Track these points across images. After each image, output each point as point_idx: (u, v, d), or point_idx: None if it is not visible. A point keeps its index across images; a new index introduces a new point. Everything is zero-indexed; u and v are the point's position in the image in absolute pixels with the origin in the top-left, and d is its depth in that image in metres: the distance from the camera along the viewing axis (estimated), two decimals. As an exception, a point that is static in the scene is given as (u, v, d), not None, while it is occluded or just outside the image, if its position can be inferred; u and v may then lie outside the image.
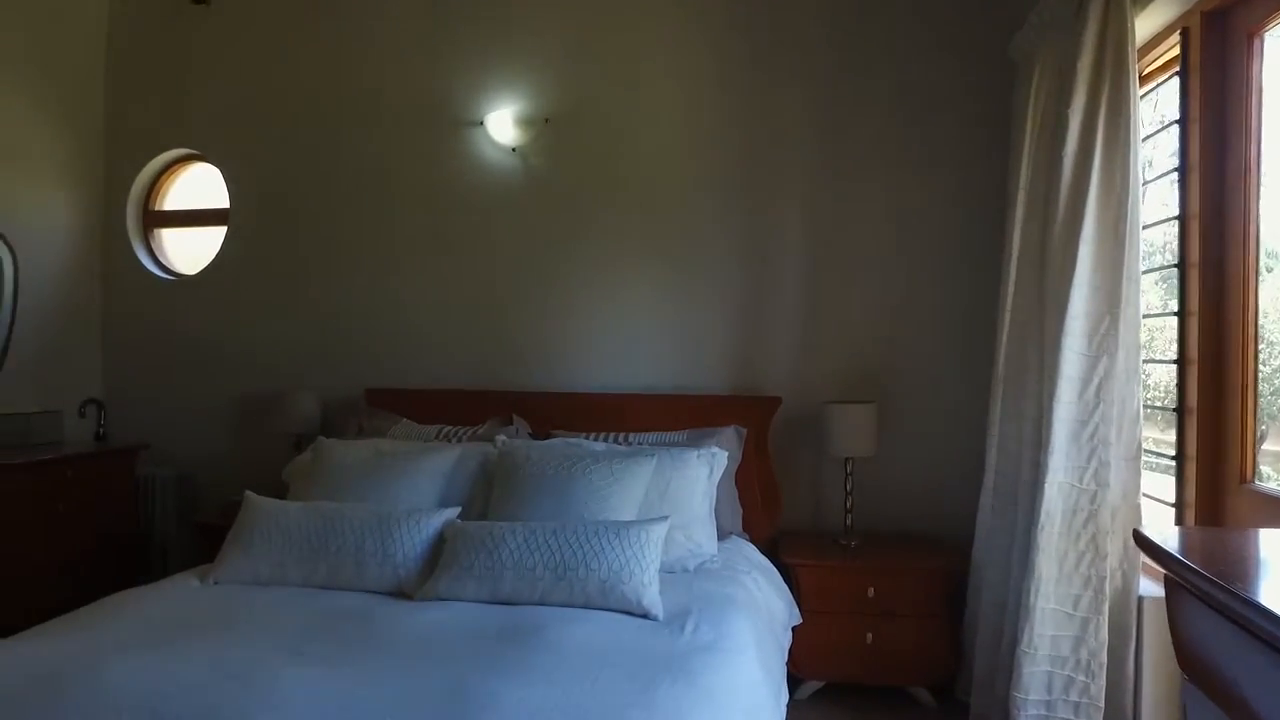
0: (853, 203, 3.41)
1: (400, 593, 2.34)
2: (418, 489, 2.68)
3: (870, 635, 2.93)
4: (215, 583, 2.41)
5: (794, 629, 2.83)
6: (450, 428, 3.28)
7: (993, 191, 3.15)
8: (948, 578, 2.95)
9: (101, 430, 3.95)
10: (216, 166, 4.01)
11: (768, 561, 2.96)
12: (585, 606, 2.19)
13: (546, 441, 2.95)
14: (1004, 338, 2.86)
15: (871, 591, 2.94)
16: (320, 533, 2.40)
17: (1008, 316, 2.83)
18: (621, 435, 3.15)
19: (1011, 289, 2.82)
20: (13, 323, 3.57)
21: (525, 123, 3.65)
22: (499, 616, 2.10)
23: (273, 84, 3.94)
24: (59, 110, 3.90)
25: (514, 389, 3.59)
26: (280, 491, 3.41)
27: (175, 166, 4.22)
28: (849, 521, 3.19)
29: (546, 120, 3.63)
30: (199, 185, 4.21)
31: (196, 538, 3.82)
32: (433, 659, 1.81)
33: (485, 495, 2.75)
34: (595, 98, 3.60)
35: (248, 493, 2.63)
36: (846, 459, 3.18)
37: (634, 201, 3.56)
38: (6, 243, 3.55)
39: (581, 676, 1.74)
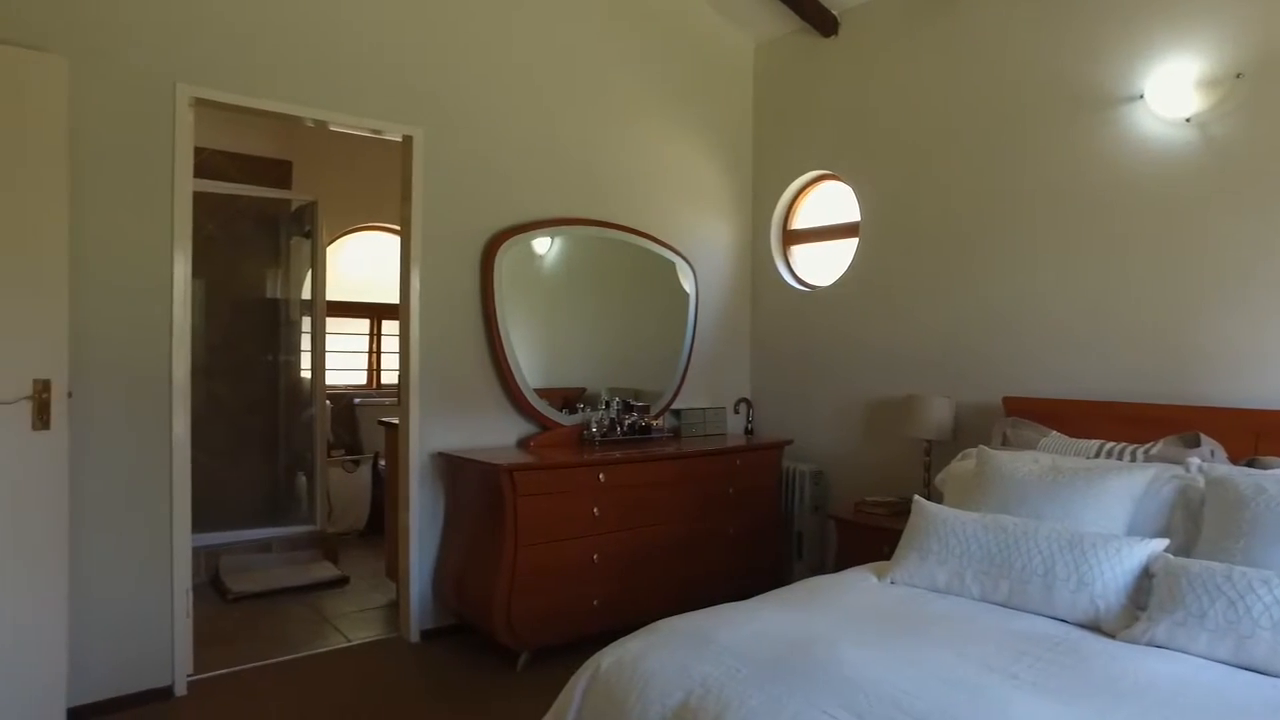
0: None
1: (1096, 627, 2.11)
2: (1105, 511, 2.41)
3: None
4: (892, 582, 2.49)
5: None
6: (1112, 444, 2.91)
7: None
8: None
9: (750, 426, 4.53)
10: (848, 184, 4.27)
11: None
12: (1387, 700, 1.68)
13: (1276, 471, 2.40)
14: None
15: None
16: (1002, 548, 2.31)
17: None
18: (1375, 469, 2.41)
19: None
20: (694, 332, 4.33)
21: (1204, 84, 3.06)
22: (1261, 689, 1.72)
23: (895, 97, 4.03)
24: (721, 151, 4.60)
25: (1187, 403, 3.03)
26: (911, 491, 3.52)
27: (806, 187, 4.62)
28: None
29: (1238, 75, 2.99)
30: (825, 202, 4.54)
31: (828, 529, 4.13)
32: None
33: (1187, 528, 2.35)
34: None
35: (918, 499, 2.67)
36: None
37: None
38: (691, 266, 4.33)
39: None
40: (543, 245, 3.97)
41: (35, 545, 2.58)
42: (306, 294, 5.18)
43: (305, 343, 5.17)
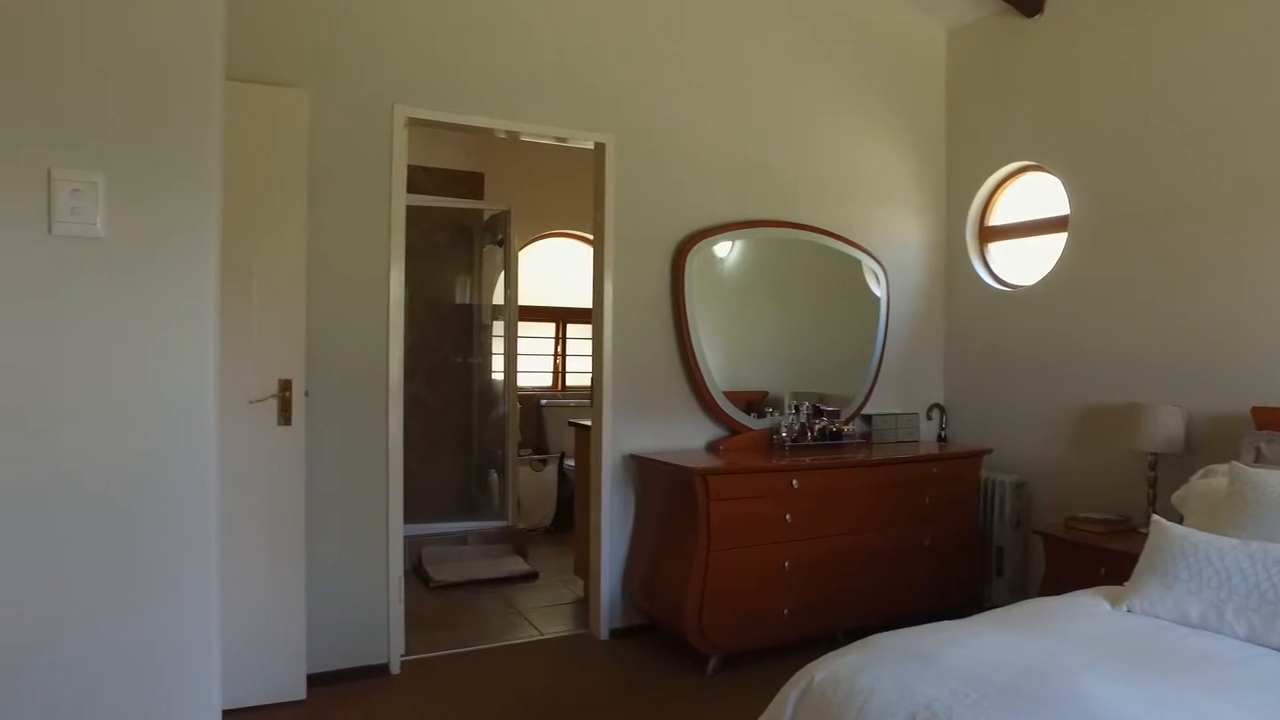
0: None
1: None
2: (1406, 545, 2.08)
3: None
4: (1129, 610, 2.26)
5: None
6: (1401, 464, 2.52)
7: None
8: None
9: (943, 433, 4.30)
10: (1056, 176, 3.96)
11: None
12: None
13: None
14: None
15: None
16: (1275, 582, 2.03)
17: None
18: None
19: None
20: (885, 334, 4.18)
21: None
22: None
23: (1112, 77, 3.68)
24: (913, 146, 4.40)
25: None
26: (1131, 509, 3.37)
27: (1005, 180, 4.33)
28: None
29: None
30: (1027, 195, 4.24)
31: (1031, 546, 3.85)
32: None
33: None
34: None
35: (1157, 519, 2.42)
36: None
37: None
38: (882, 266, 4.18)
39: None
40: (723, 249, 3.94)
41: (281, 530, 2.86)
42: (497, 299, 5.43)
43: (496, 346, 5.43)
